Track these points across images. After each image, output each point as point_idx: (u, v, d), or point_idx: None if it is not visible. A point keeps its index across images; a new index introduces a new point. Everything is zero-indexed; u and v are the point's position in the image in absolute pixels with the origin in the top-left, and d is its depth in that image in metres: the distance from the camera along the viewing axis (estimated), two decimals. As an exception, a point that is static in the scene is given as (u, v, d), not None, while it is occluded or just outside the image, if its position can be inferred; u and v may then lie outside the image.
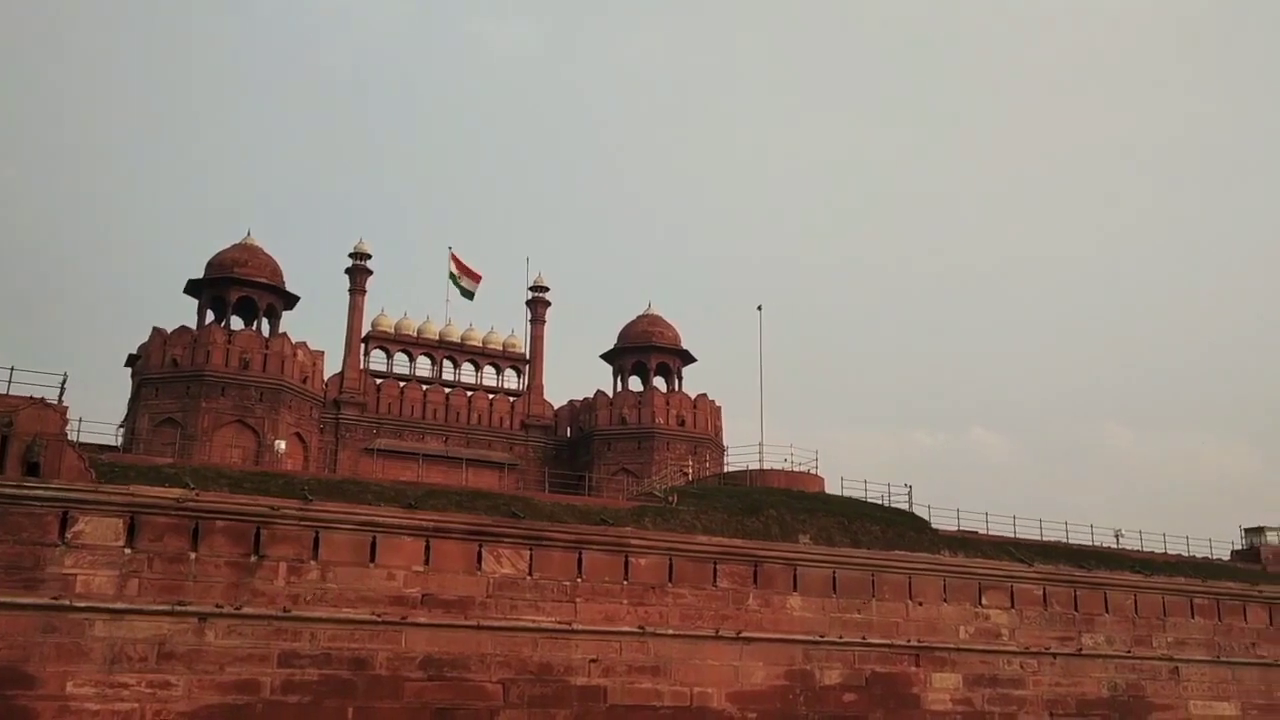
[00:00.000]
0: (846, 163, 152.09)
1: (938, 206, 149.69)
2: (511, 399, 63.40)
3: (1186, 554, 43.43)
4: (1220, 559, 44.82)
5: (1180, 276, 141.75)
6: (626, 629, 30.31)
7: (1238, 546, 46.73)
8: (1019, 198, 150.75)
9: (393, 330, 63.02)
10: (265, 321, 54.78)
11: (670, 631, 30.80)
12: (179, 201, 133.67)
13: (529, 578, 29.70)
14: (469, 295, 63.92)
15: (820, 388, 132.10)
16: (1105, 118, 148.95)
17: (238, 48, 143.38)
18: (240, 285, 53.68)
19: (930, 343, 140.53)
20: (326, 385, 56.90)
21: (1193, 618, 39.70)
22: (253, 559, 27.21)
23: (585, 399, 62.88)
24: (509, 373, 65.19)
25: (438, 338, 63.84)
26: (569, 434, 63.39)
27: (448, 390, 61.93)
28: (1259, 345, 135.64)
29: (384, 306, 63.75)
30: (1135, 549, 42.09)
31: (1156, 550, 42.50)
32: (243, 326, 54.14)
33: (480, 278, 63.96)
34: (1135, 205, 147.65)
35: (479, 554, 29.34)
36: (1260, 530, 47.06)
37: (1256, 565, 44.29)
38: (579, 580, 30.24)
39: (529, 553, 29.91)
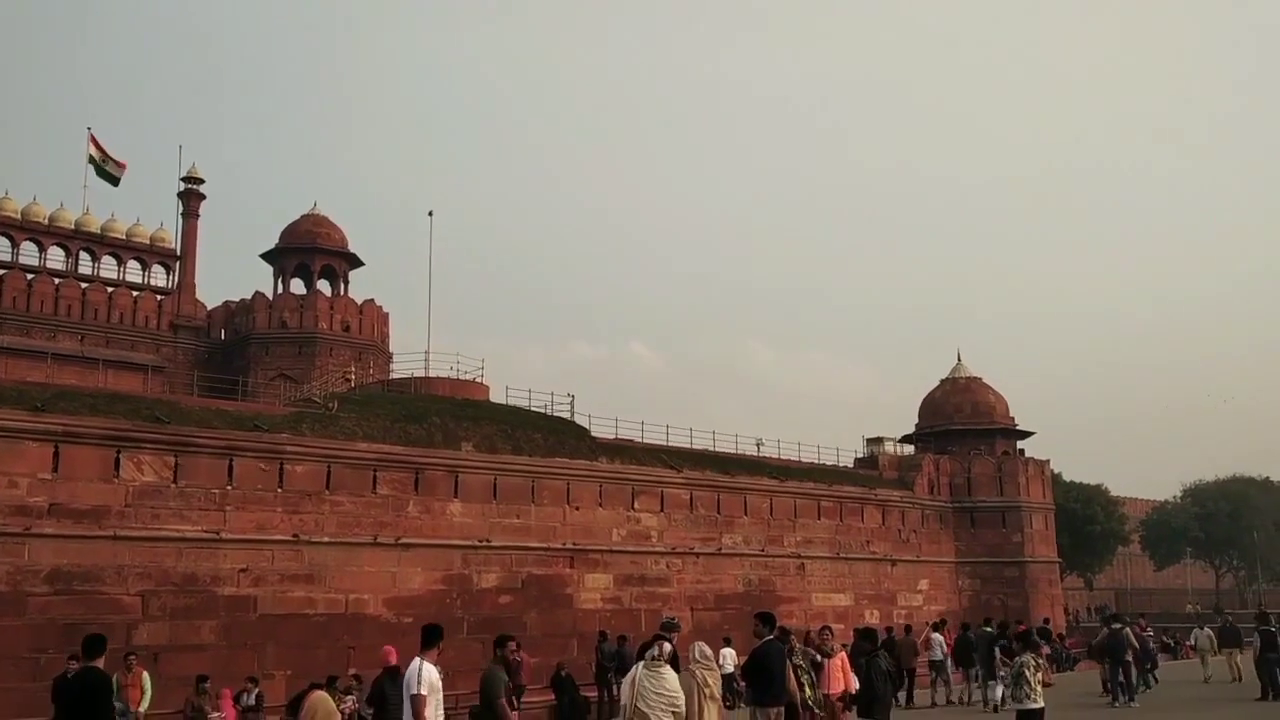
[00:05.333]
0: (521, 73, 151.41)
1: (603, 123, 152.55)
2: (159, 297, 59.07)
3: (818, 462, 47.30)
4: (846, 466, 49.25)
5: (815, 208, 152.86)
6: (280, 537, 29.39)
7: (860, 455, 51.54)
8: (672, 120, 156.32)
9: (19, 216, 56.74)
10: None
11: (326, 539, 30.18)
12: None
13: (174, 485, 28.03)
14: (114, 182, 58.48)
15: (488, 298, 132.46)
16: (752, 48, 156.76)
17: None
18: None
19: (592, 259, 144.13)
20: (-63, 274, 50.62)
21: (819, 519, 43.60)
22: None
23: (243, 300, 59.63)
24: (157, 269, 60.59)
25: (74, 227, 58.16)
26: (224, 337, 60.02)
27: (85, 285, 56.77)
28: (880, 272, 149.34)
29: (9, 189, 57.32)
30: (773, 456, 45.34)
31: (792, 458, 45.99)
32: None
33: (125, 166, 58.67)
34: (780, 137, 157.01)
35: (117, 460, 27.31)
36: (880, 440, 52.16)
37: (875, 472, 49.08)
38: (229, 488, 28.89)
39: (174, 459, 28.19)
